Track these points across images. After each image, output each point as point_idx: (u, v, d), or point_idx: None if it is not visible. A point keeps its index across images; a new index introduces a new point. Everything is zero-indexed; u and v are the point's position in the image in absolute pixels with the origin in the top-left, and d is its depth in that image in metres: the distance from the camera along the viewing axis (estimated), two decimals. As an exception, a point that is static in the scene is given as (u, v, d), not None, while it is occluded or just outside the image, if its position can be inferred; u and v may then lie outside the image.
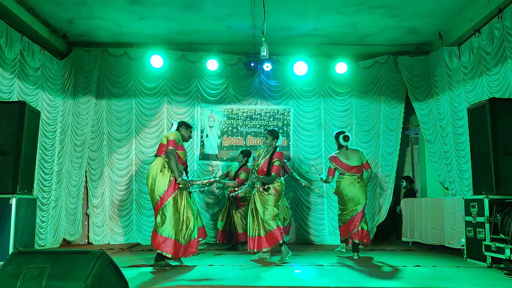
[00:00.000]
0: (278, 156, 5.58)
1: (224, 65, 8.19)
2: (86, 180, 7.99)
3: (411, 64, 8.01)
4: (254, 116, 8.36)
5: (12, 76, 6.09)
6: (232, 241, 7.08)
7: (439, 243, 6.50)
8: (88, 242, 7.93)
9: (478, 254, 5.13)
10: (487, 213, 5.06)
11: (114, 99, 8.15)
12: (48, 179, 6.95)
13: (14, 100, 5.87)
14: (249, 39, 7.75)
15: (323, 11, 6.79)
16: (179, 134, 5.15)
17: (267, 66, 7.93)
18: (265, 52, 6.46)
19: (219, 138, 8.31)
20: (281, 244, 5.47)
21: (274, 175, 5.50)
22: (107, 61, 8.09)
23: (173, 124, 5.36)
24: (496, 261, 4.90)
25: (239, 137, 8.32)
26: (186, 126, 5.36)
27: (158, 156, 5.03)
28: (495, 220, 4.99)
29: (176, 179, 4.88)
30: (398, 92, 8.26)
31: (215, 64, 7.89)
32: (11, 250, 4.94)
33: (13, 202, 5.10)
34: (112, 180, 8.08)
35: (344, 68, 8.00)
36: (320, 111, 8.33)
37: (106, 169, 8.07)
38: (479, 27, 6.36)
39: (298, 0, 6.43)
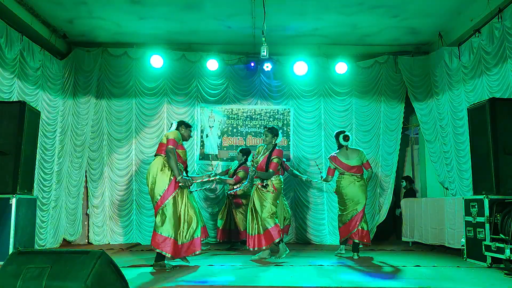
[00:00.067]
0: (277, 153, 5.62)
1: (224, 65, 8.19)
2: (86, 180, 7.99)
3: (411, 64, 8.00)
4: (254, 116, 8.36)
5: (12, 76, 6.09)
6: (233, 239, 7.10)
7: (439, 243, 6.50)
8: (88, 242, 7.93)
9: (478, 254, 5.13)
10: (487, 213, 5.06)
11: (114, 99, 8.15)
12: (48, 179, 6.95)
13: (14, 100, 5.87)
14: (249, 39, 7.74)
15: (323, 11, 6.79)
16: (179, 133, 5.15)
17: (267, 66, 7.93)
18: (265, 52, 6.45)
19: (219, 138, 8.31)
20: (278, 242, 5.48)
21: (271, 171, 5.54)
22: (107, 61, 8.09)
23: (172, 123, 5.37)
24: (496, 261, 4.90)
25: (239, 137, 8.32)
26: (186, 125, 5.37)
27: (158, 155, 5.04)
28: (495, 220, 4.99)
29: (176, 178, 4.89)
30: (398, 92, 8.26)
31: (215, 64, 7.88)
32: (11, 250, 4.94)
33: (13, 202, 5.10)
34: (112, 180, 8.08)
35: (344, 68, 7.99)
36: (320, 111, 8.33)
37: (106, 169, 8.07)
38: (479, 27, 6.36)
39: (298, 0, 6.43)
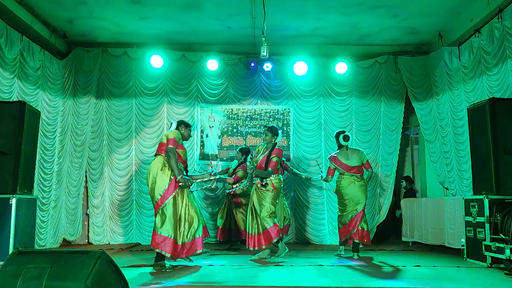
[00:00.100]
0: (276, 152, 5.64)
1: (224, 65, 8.18)
2: (86, 180, 7.99)
3: (411, 64, 8.00)
4: (254, 116, 8.36)
5: (12, 76, 6.09)
6: (233, 238, 7.10)
7: (439, 243, 6.50)
8: (88, 242, 7.93)
9: (478, 254, 5.13)
10: (487, 213, 5.06)
11: (114, 99, 8.15)
12: (48, 179, 6.95)
13: (14, 100, 5.87)
14: (249, 39, 7.74)
15: (323, 11, 6.79)
16: (179, 133, 5.16)
17: (267, 66, 7.93)
18: (265, 52, 6.46)
19: (219, 138, 8.31)
20: (277, 242, 5.48)
21: (270, 170, 5.55)
22: (107, 61, 8.09)
23: (172, 123, 5.38)
24: (496, 261, 4.90)
25: (239, 137, 8.32)
26: (186, 125, 5.38)
27: (158, 155, 5.04)
28: (495, 220, 4.99)
29: (176, 177, 4.89)
30: (398, 92, 8.26)
31: (215, 64, 7.88)
32: (11, 250, 4.93)
33: (13, 202, 5.10)
34: (112, 180, 8.08)
35: (344, 68, 7.99)
36: (320, 111, 8.33)
37: (106, 169, 8.07)
38: (479, 27, 6.36)
39: (298, 0, 6.43)
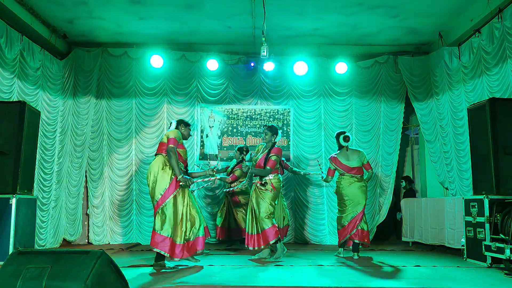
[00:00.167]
0: (275, 151, 5.63)
1: (224, 65, 8.18)
2: (86, 180, 7.99)
3: (411, 64, 8.00)
4: (254, 116, 8.36)
5: (12, 76, 6.09)
6: (232, 237, 7.11)
7: (439, 243, 6.50)
8: (88, 242, 7.93)
9: (478, 254, 5.13)
10: (487, 213, 5.06)
11: (114, 99, 8.15)
12: (48, 179, 6.95)
13: (14, 100, 5.87)
14: (249, 39, 7.75)
15: (323, 11, 6.79)
16: (179, 132, 5.16)
17: (267, 66, 7.92)
18: (265, 52, 6.45)
19: (219, 138, 8.31)
20: (275, 242, 5.47)
21: (268, 168, 5.53)
22: (107, 61, 8.09)
23: (171, 122, 5.38)
24: (496, 261, 4.90)
25: (239, 137, 8.32)
26: (185, 124, 5.38)
27: (159, 154, 5.03)
28: (495, 220, 4.99)
29: (177, 177, 4.88)
30: (398, 92, 8.26)
31: (215, 64, 7.88)
32: (11, 250, 4.94)
33: (13, 202, 5.10)
34: (112, 180, 8.08)
35: (344, 68, 7.99)
36: (320, 111, 8.33)
37: (106, 169, 8.07)
38: (479, 27, 6.36)
39: (298, 0, 6.43)
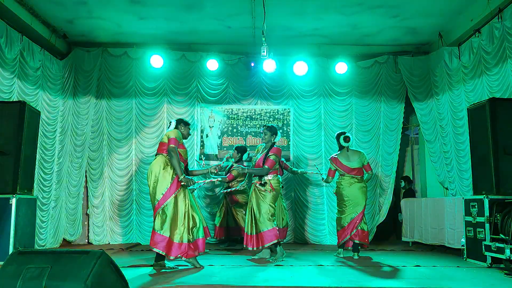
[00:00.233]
0: (274, 151, 5.62)
1: (224, 65, 8.18)
2: (86, 180, 7.99)
3: (411, 64, 8.00)
4: (254, 116, 8.35)
5: (12, 76, 6.09)
6: (232, 236, 7.10)
7: (439, 243, 6.50)
8: (88, 242, 7.93)
9: (478, 254, 5.14)
10: (487, 213, 5.06)
11: (114, 99, 8.15)
12: (48, 179, 6.95)
13: (14, 100, 5.87)
14: (249, 39, 7.74)
15: (323, 11, 6.79)
16: (179, 132, 5.14)
17: (267, 66, 7.91)
18: (265, 52, 6.45)
19: (219, 138, 8.31)
20: (275, 245, 5.46)
21: (266, 167, 5.52)
22: (107, 61, 8.09)
23: (171, 122, 5.34)
24: (496, 261, 4.90)
25: (239, 137, 8.31)
26: (185, 123, 5.37)
27: (159, 154, 5.01)
28: (495, 220, 4.99)
29: (178, 177, 4.87)
30: (398, 92, 8.26)
31: (215, 64, 7.88)
32: (11, 250, 4.93)
33: (13, 202, 5.10)
34: (112, 180, 8.08)
35: (344, 68, 7.99)
36: (320, 111, 8.33)
37: (106, 169, 8.07)
38: (479, 27, 6.36)
39: (298, 0, 6.43)
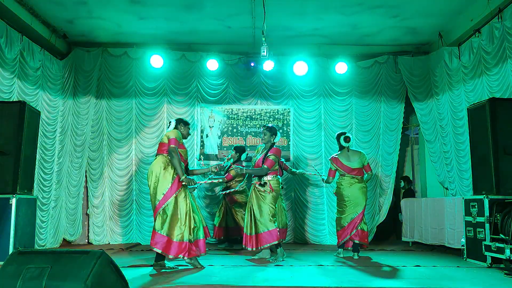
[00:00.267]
0: (274, 151, 5.62)
1: (224, 65, 8.18)
2: (86, 180, 7.99)
3: (411, 64, 8.00)
4: (254, 116, 8.35)
5: (12, 76, 6.09)
6: (231, 236, 7.11)
7: (439, 243, 6.50)
8: (88, 242, 7.93)
9: (478, 254, 5.14)
10: (487, 213, 5.06)
11: (114, 99, 8.15)
12: (48, 179, 6.95)
13: (14, 100, 5.87)
14: (249, 39, 7.74)
15: (323, 11, 6.79)
16: (179, 132, 5.14)
17: (267, 66, 7.91)
18: (265, 52, 6.45)
19: (219, 138, 8.31)
20: (276, 246, 5.46)
21: (265, 167, 5.51)
22: (107, 61, 8.09)
23: (171, 122, 5.33)
24: (496, 261, 4.90)
25: (239, 137, 8.31)
26: (184, 123, 5.36)
27: (160, 154, 5.00)
28: (495, 220, 4.99)
29: (179, 177, 4.87)
30: (398, 92, 8.26)
31: (215, 64, 7.88)
32: (11, 250, 4.93)
33: (13, 202, 5.10)
34: (112, 180, 8.08)
35: (344, 68, 7.99)
36: (320, 111, 8.33)
37: (106, 169, 8.07)
38: (479, 27, 6.36)
39: (298, 0, 6.43)
